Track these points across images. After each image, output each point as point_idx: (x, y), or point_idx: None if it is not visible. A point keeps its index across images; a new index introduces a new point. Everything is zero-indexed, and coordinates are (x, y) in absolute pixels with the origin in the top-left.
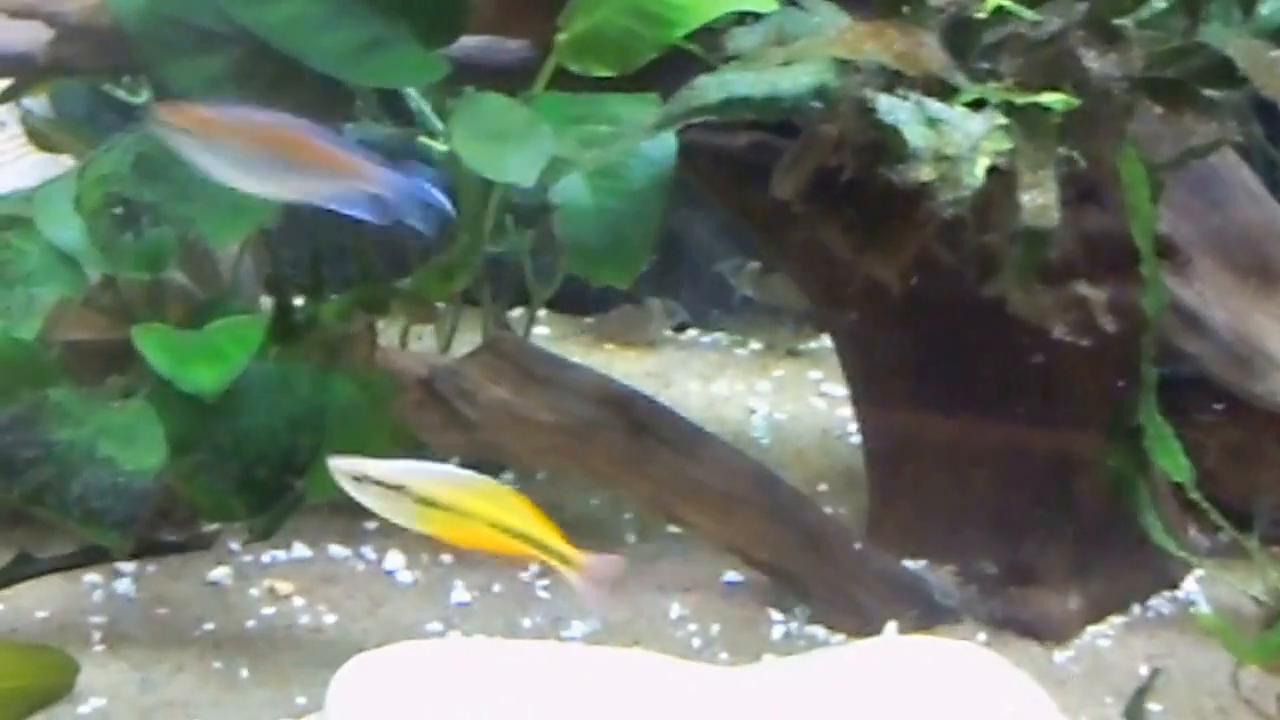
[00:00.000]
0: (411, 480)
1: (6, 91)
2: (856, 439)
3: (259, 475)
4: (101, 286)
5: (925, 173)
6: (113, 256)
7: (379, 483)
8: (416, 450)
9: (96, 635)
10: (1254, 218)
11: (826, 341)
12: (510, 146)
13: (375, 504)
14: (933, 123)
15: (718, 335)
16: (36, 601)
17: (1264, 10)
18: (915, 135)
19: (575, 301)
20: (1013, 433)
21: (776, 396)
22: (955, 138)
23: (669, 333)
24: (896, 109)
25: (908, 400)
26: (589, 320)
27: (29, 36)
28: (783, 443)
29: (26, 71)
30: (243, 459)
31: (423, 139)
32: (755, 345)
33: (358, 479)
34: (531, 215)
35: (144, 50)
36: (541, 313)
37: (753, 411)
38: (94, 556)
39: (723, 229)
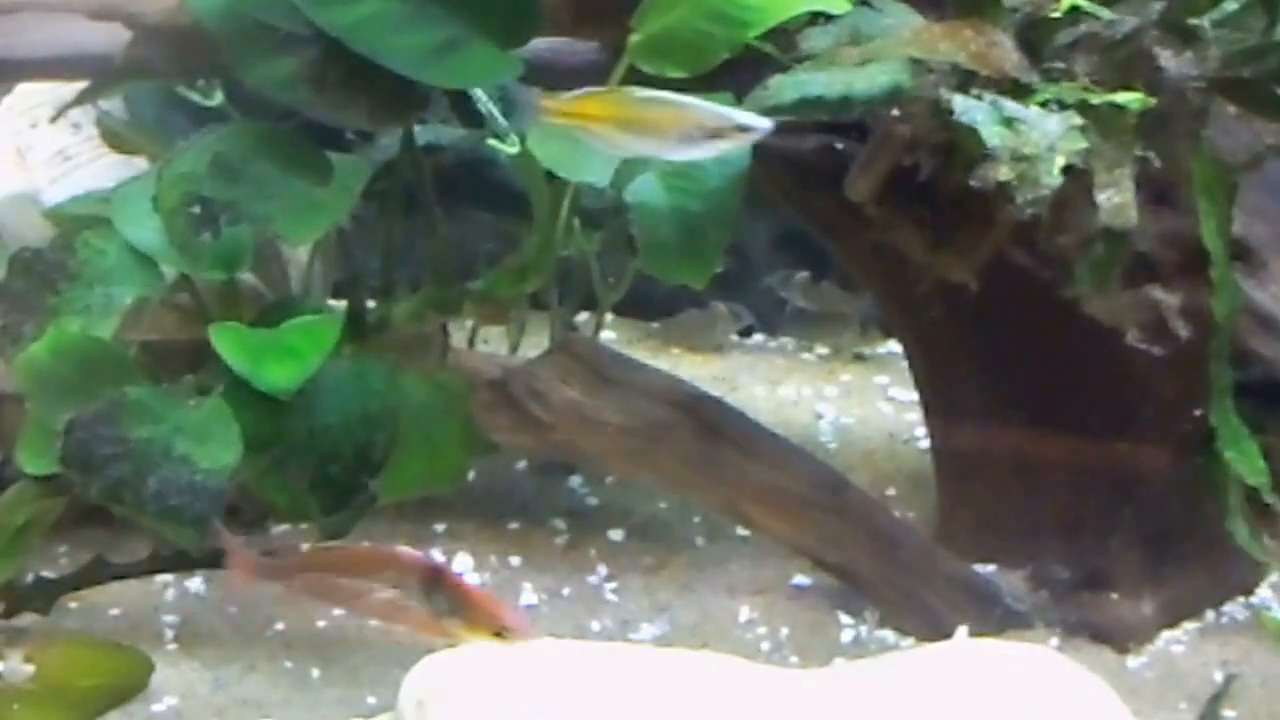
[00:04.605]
0: None
1: (83, 93)
2: (924, 443)
3: (333, 474)
4: (175, 286)
5: (1003, 172)
6: (190, 256)
7: None
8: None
9: (169, 634)
10: None
11: (892, 346)
12: (585, 146)
13: None
14: (1009, 122)
15: (784, 340)
16: (110, 600)
17: None
18: (992, 135)
19: (641, 306)
20: (1086, 436)
21: (843, 401)
22: (1032, 137)
23: (735, 337)
24: (972, 109)
25: (979, 403)
26: (655, 325)
27: (107, 38)
28: (850, 447)
29: (104, 73)
30: (317, 457)
31: (491, 141)
32: (821, 350)
33: None
34: (599, 218)
35: (224, 51)
36: (607, 317)
37: (820, 416)
38: (168, 564)
39: (782, 235)
